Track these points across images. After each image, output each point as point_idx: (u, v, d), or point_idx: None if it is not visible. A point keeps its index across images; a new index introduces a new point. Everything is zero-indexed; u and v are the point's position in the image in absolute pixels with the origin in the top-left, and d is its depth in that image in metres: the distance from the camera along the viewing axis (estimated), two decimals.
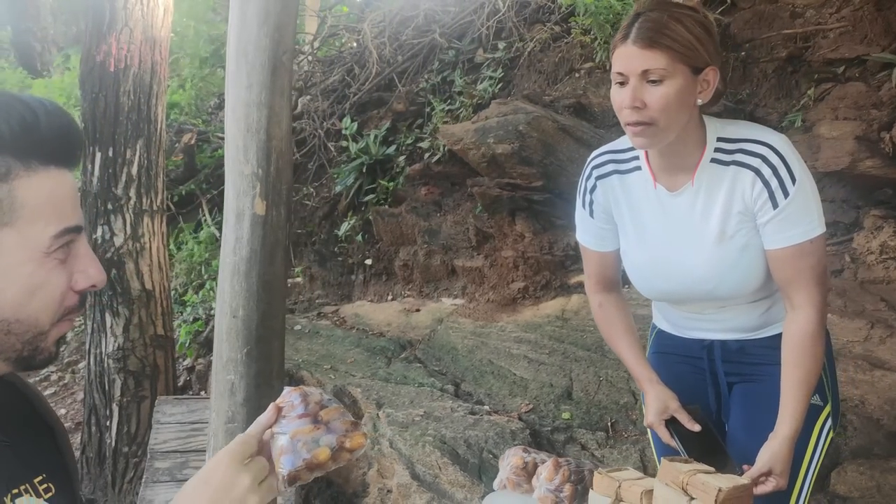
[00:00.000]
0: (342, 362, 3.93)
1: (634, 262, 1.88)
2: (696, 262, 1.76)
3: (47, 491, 1.00)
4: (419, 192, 4.73)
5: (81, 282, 0.94)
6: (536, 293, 3.89)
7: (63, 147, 0.92)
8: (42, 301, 0.91)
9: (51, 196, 0.90)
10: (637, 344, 1.95)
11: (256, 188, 1.68)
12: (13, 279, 0.89)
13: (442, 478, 2.96)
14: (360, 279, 4.85)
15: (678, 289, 1.83)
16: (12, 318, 0.90)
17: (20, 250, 0.88)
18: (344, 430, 1.01)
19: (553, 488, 1.68)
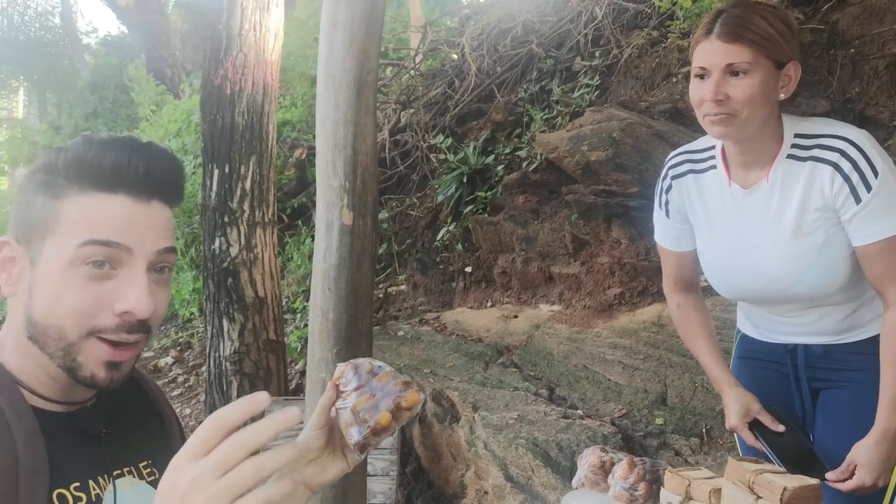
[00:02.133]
0: (441, 367, 4.04)
1: (710, 261, 1.88)
2: (771, 260, 1.74)
3: (151, 475, 1.10)
4: (517, 200, 4.80)
5: (119, 306, 0.99)
6: (633, 299, 3.88)
7: (114, 175, 1.00)
8: (65, 310, 0.97)
9: (90, 215, 0.98)
10: (716, 346, 1.94)
11: (344, 200, 1.81)
12: (44, 283, 0.98)
13: (535, 480, 3.02)
14: (460, 286, 4.96)
15: (754, 288, 1.82)
16: (44, 322, 0.98)
17: (53, 258, 0.98)
18: (398, 391, 1.05)
19: (628, 486, 1.72)
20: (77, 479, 0.99)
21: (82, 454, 1.02)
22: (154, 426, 1.18)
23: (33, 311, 0.99)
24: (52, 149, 1.02)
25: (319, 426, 1.09)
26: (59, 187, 1.00)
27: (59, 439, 0.99)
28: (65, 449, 0.99)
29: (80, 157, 0.99)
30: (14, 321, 1.02)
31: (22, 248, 1.01)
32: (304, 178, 6.96)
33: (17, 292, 1.00)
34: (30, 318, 0.99)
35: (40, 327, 0.98)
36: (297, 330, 5.24)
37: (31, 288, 0.99)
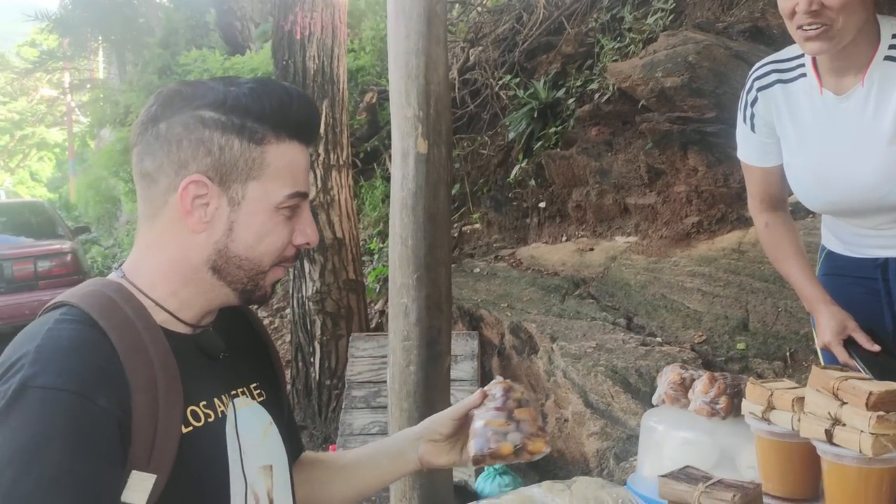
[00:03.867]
0: (518, 300, 4.09)
1: (799, 174, 1.83)
2: (866, 168, 1.69)
3: (260, 395, 1.20)
4: (589, 133, 4.74)
5: (299, 238, 1.12)
6: (711, 227, 3.81)
7: (306, 127, 1.12)
8: (267, 247, 1.09)
9: (290, 163, 1.09)
10: (807, 264, 1.89)
11: (418, 129, 1.84)
12: (250, 224, 1.07)
13: (614, 405, 3.06)
14: (534, 222, 4.97)
15: (847, 199, 1.76)
16: (244, 256, 1.08)
17: (260, 201, 1.07)
18: (530, 433, 1.12)
19: (708, 400, 1.73)
20: (204, 397, 1.07)
21: (206, 374, 1.10)
22: (259, 352, 1.26)
23: (232, 246, 1.07)
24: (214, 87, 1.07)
25: (454, 417, 1.24)
26: (258, 133, 1.07)
27: (187, 360, 1.06)
28: (192, 369, 1.07)
29: (284, 107, 1.08)
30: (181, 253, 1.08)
31: (217, 188, 1.06)
32: (375, 122, 7.01)
33: (208, 229, 1.07)
34: (223, 253, 1.08)
35: (237, 260, 1.08)
36: (374, 270, 5.36)
37: (233, 226, 1.06)
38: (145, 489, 0.96)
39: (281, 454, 1.21)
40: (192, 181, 1.05)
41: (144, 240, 1.11)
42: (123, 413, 0.95)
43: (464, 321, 4.12)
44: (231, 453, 1.08)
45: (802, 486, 1.54)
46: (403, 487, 1.94)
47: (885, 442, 1.35)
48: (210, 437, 1.06)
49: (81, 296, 1.04)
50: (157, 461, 0.97)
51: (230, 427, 1.09)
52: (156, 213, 1.09)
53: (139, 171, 1.09)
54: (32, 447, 0.89)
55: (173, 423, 0.99)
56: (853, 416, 1.36)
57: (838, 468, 1.41)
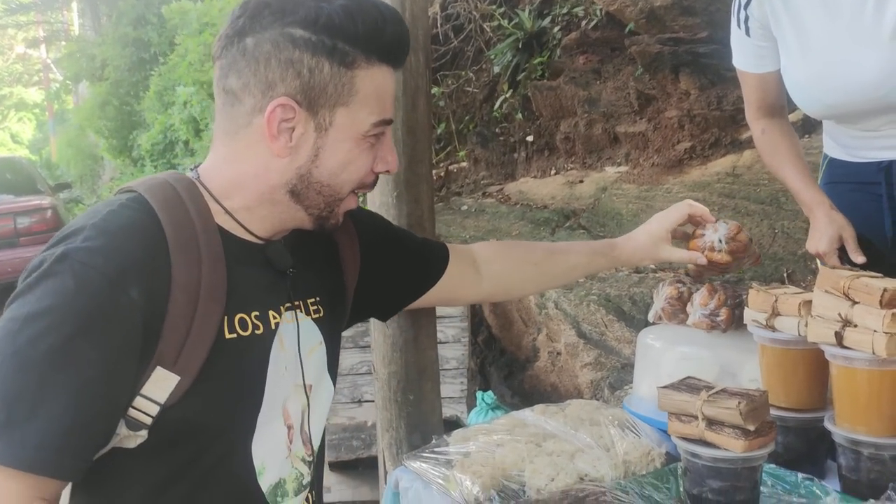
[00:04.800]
0: (507, 235, 4.00)
1: (797, 76, 1.74)
2: (867, 66, 1.60)
3: (317, 312, 1.18)
4: (577, 61, 4.59)
5: (380, 166, 1.11)
6: (704, 152, 3.70)
7: (398, 50, 1.07)
8: (349, 174, 1.07)
9: (378, 89, 1.05)
10: (805, 169, 1.82)
11: None
12: (335, 151, 1.05)
13: (608, 334, 2.98)
14: (522, 156, 4.85)
15: (848, 100, 1.67)
16: (325, 182, 1.06)
17: (347, 129, 1.04)
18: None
19: (708, 313, 1.64)
20: (258, 307, 1.06)
21: (267, 286, 1.09)
22: (332, 269, 1.24)
23: (315, 172, 1.05)
24: (304, 2, 1.02)
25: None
26: (350, 55, 1.02)
27: (250, 268, 1.07)
28: (254, 278, 1.07)
29: (377, 30, 1.03)
30: (260, 171, 1.06)
31: (305, 112, 1.02)
32: None
33: (292, 154, 1.04)
34: (305, 178, 1.06)
35: (317, 186, 1.06)
36: None
37: (318, 152, 1.04)
38: (166, 388, 0.96)
39: (323, 375, 1.19)
40: (279, 104, 1.01)
41: (221, 152, 1.09)
42: (156, 308, 0.95)
43: None
44: (273, 367, 1.07)
45: (809, 395, 1.46)
46: (390, 417, 1.85)
47: None
48: (254, 348, 1.05)
49: (150, 186, 1.03)
50: (185, 363, 0.96)
51: (277, 341, 1.08)
52: (237, 131, 1.06)
53: (222, 86, 1.05)
54: (51, 316, 0.90)
55: (209, 328, 0.98)
56: (865, 315, 1.27)
57: (849, 373, 1.32)
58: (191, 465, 1.03)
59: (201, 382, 0.98)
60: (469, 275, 1.48)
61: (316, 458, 1.20)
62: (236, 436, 1.06)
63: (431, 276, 1.43)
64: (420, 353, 1.83)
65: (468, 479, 1.38)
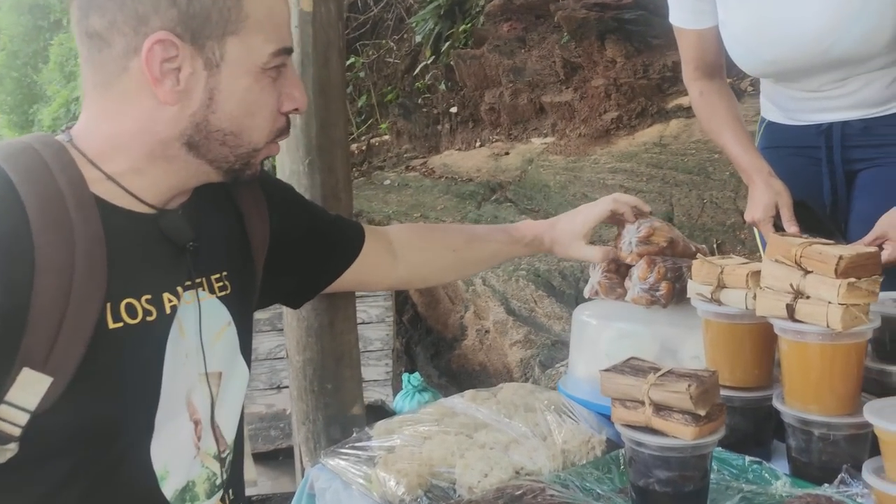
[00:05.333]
0: (432, 209, 3.86)
1: (736, 30, 1.65)
2: (808, 15, 1.51)
3: (223, 289, 1.03)
4: (501, 29, 4.46)
5: (287, 104, 0.97)
6: (631, 122, 3.64)
7: None
8: (255, 119, 0.94)
9: (271, 13, 0.92)
10: (744, 132, 1.73)
11: None
12: (233, 90, 0.91)
13: (538, 311, 2.89)
14: (446, 128, 4.71)
15: (789, 54, 1.59)
16: (228, 130, 0.92)
17: (242, 62, 0.90)
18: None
19: (648, 287, 1.53)
20: (151, 290, 0.93)
21: (162, 263, 0.96)
22: (239, 240, 1.09)
23: (213, 119, 0.92)
24: None
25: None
26: None
27: (141, 245, 0.94)
28: (146, 256, 0.94)
29: None
30: (146, 125, 0.91)
31: (189, 47, 0.88)
32: None
33: (183, 100, 0.90)
34: (202, 127, 0.92)
35: (219, 136, 0.93)
36: None
37: (213, 94, 0.90)
38: (37, 392, 0.83)
39: (235, 360, 1.06)
40: (157, 41, 0.87)
41: (95, 108, 0.93)
42: (16, 300, 0.81)
43: None
44: (170, 357, 0.95)
45: (756, 372, 1.36)
46: (306, 409, 1.69)
47: (857, 312, 1.17)
48: (145, 337, 0.92)
49: (8, 154, 0.87)
50: (58, 361, 0.83)
51: (175, 327, 0.95)
52: (110, 80, 0.91)
53: (84, 30, 0.90)
54: None
55: (86, 319, 0.85)
56: (819, 286, 1.17)
57: (800, 348, 1.22)
58: (76, 478, 0.89)
59: (80, 382, 0.85)
60: (385, 259, 1.34)
61: (232, 454, 1.07)
62: (130, 440, 0.93)
63: (345, 257, 1.29)
64: (338, 337, 1.66)
65: (392, 479, 1.24)
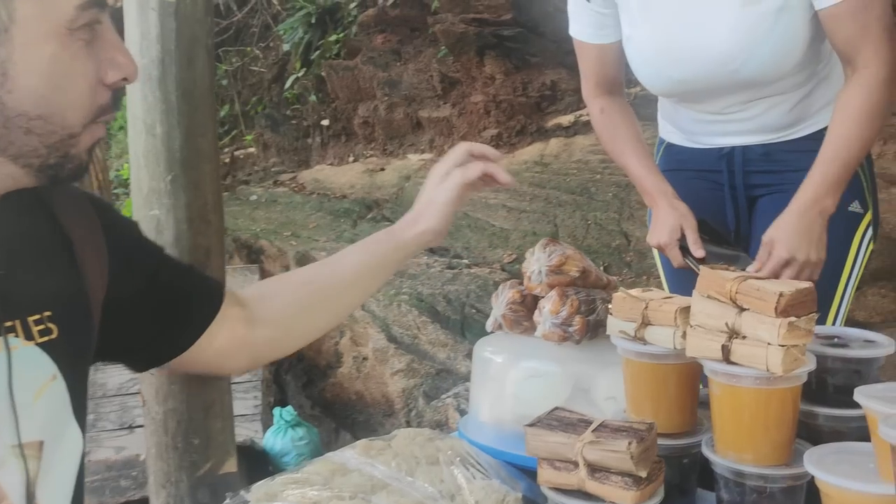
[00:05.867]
0: (304, 228, 3.64)
1: (641, 47, 1.58)
2: (718, 35, 1.46)
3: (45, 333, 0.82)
4: (375, 40, 4.30)
5: (112, 73, 0.79)
6: (511, 140, 3.59)
7: None
8: (68, 94, 0.76)
9: None
10: (647, 153, 1.67)
11: None
12: (33, 62, 0.73)
13: (421, 338, 2.73)
14: (317, 142, 4.50)
15: (696, 75, 1.54)
16: (33, 113, 0.75)
17: (39, 22, 0.73)
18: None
19: (560, 322, 1.40)
20: None
21: None
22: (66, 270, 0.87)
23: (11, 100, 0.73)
24: None
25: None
26: None
27: None
28: None
29: None
30: None
31: None
32: None
33: None
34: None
35: (23, 121, 0.74)
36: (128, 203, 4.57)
37: (6, 68, 0.73)
38: None
39: (63, 423, 0.86)
40: None
41: None
42: None
43: (241, 254, 3.61)
44: None
45: (680, 416, 1.25)
46: (167, 469, 1.45)
47: (797, 354, 1.08)
48: None
49: None
50: None
51: None
52: None
53: None
54: None
55: None
56: (757, 325, 1.08)
57: (734, 392, 1.12)
58: None
59: None
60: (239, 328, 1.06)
61: None
62: None
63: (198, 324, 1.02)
64: (207, 382, 1.42)
65: None
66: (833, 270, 1.60)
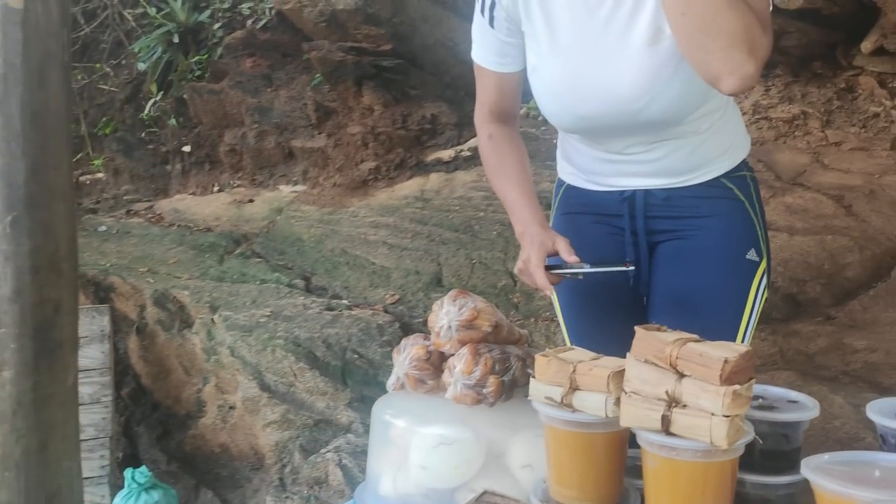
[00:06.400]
0: (163, 263, 3.32)
1: (547, 79, 1.51)
2: (625, 73, 1.42)
3: None
4: (243, 64, 4.06)
5: None
6: (390, 173, 3.46)
7: None
8: None
9: None
10: (528, 183, 1.59)
11: None
12: None
13: (298, 386, 2.52)
14: (177, 169, 4.17)
15: (600, 112, 1.48)
16: None
17: None
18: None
19: (473, 383, 1.27)
20: None
21: None
22: None
23: None
24: None
25: None
26: None
27: None
28: None
29: None
30: None
31: None
32: None
33: None
34: None
35: None
36: None
37: None
38: None
39: None
40: None
41: None
42: None
43: (87, 292, 3.25)
44: None
45: (609, 488, 1.16)
46: None
47: (739, 423, 1.00)
48: None
49: None
50: None
51: None
52: None
53: None
54: None
55: None
56: (700, 393, 1.00)
57: (673, 466, 1.04)
58: None
59: None
60: None
61: None
62: None
63: None
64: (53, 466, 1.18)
65: None
66: (733, 319, 1.59)
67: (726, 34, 1.22)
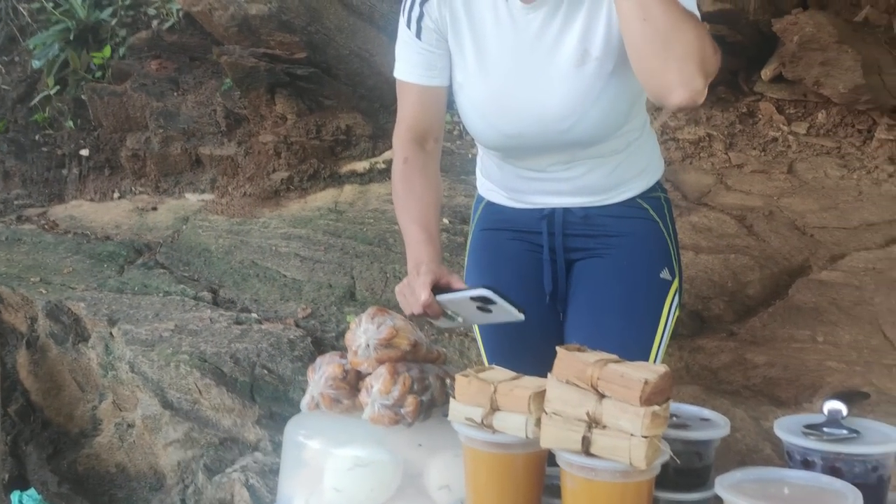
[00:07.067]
0: (56, 273, 3.15)
1: (474, 97, 1.52)
2: (553, 93, 1.44)
3: None
4: (148, 66, 3.90)
5: None
6: (303, 184, 3.39)
7: None
8: None
9: None
10: (431, 221, 1.53)
11: None
12: None
13: (203, 403, 2.42)
14: (74, 174, 3.97)
15: (526, 130, 1.49)
16: None
17: None
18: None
19: (391, 403, 1.25)
20: None
21: None
22: None
23: None
24: None
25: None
26: None
27: None
28: None
29: None
30: None
31: None
32: None
33: None
34: None
35: None
36: None
37: None
38: None
39: None
40: None
41: None
42: None
43: None
44: None
45: None
46: None
47: (657, 443, 1.01)
48: None
49: None
50: None
51: None
52: None
53: None
54: None
55: None
56: (620, 415, 1.00)
57: (591, 487, 1.04)
58: None
59: None
60: None
61: None
62: None
63: None
64: None
65: None
66: (647, 338, 1.63)
67: (683, 43, 1.21)
